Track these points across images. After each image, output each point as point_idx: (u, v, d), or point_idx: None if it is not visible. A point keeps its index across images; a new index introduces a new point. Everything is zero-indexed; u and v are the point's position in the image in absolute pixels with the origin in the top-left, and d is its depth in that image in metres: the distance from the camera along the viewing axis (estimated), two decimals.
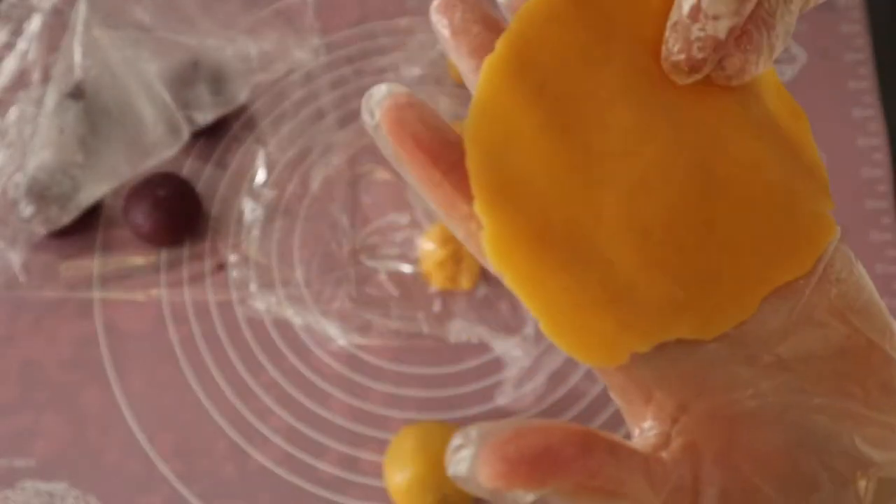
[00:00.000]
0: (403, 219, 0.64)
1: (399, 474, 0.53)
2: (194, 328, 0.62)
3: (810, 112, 0.66)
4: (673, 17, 0.22)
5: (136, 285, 0.63)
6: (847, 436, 0.20)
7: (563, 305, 0.20)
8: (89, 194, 0.63)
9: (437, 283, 0.61)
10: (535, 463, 0.17)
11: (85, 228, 0.64)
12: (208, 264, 0.63)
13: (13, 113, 0.66)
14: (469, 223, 0.22)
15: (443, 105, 0.67)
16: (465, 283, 0.61)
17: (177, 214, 0.62)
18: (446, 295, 0.62)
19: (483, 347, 0.60)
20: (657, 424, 0.20)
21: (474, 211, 0.20)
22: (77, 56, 0.67)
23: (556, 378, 0.59)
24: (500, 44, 0.21)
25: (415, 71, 0.69)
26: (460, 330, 0.61)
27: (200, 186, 0.65)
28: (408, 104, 0.22)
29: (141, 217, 0.62)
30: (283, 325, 0.61)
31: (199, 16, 0.69)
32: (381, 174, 0.66)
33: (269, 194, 0.65)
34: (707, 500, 0.19)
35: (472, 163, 0.20)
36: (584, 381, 0.59)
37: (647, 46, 0.22)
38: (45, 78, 0.68)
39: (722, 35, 0.21)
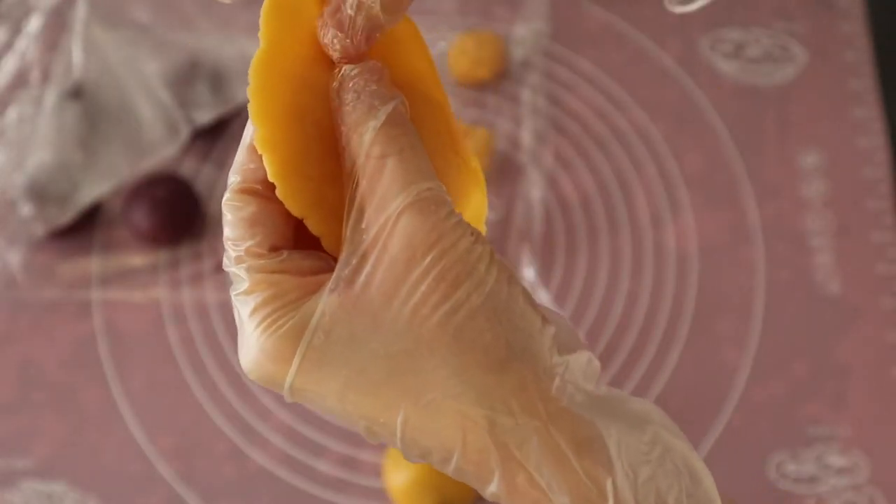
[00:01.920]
0: None
1: (399, 475, 0.53)
2: (193, 328, 0.61)
3: (810, 112, 0.66)
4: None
5: (135, 285, 0.63)
6: None
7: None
8: (88, 194, 0.63)
9: None
10: None
11: (84, 228, 0.64)
12: (207, 264, 0.63)
13: (12, 113, 0.66)
14: None
15: None
16: None
17: (176, 214, 0.62)
18: None
19: None
20: None
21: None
22: (76, 56, 0.67)
23: None
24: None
25: None
26: None
27: (199, 186, 0.65)
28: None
29: (140, 217, 0.62)
30: None
31: (199, 15, 0.69)
32: None
33: None
34: None
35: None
36: None
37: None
38: (45, 78, 0.68)
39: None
